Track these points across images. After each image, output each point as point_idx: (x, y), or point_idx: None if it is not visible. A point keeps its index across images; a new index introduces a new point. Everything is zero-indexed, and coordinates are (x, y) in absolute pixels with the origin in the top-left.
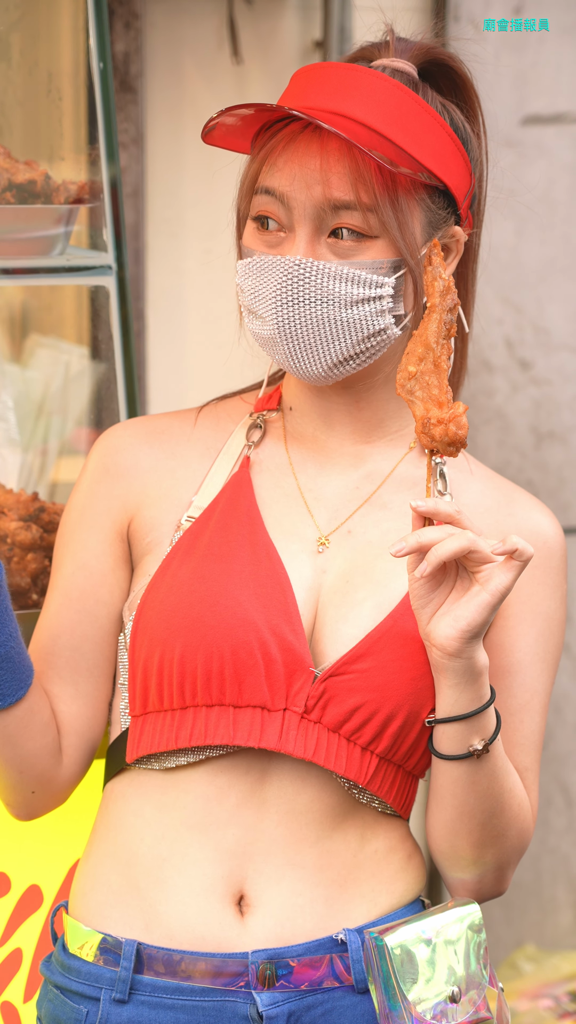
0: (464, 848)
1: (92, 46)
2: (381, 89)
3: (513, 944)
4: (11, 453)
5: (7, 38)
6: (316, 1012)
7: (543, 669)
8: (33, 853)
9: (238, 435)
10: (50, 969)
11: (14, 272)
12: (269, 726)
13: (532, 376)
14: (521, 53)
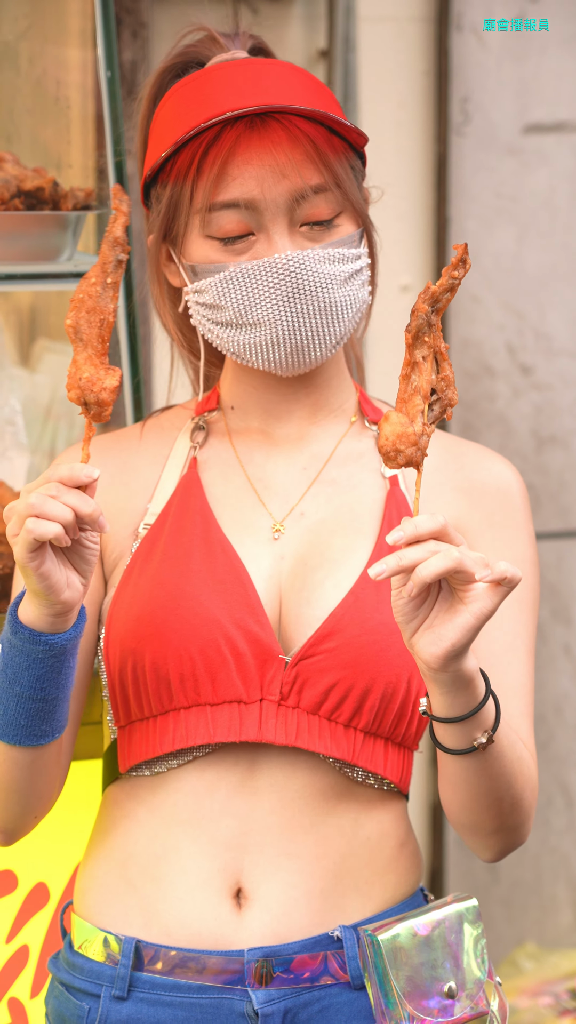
0: (485, 821)
1: (100, 55)
2: (286, 71)
3: (514, 942)
4: (18, 456)
5: (16, 47)
6: (312, 1009)
7: (521, 609)
8: (40, 852)
9: (182, 440)
10: (57, 966)
11: (23, 277)
12: (248, 718)
13: (533, 381)
14: (523, 63)
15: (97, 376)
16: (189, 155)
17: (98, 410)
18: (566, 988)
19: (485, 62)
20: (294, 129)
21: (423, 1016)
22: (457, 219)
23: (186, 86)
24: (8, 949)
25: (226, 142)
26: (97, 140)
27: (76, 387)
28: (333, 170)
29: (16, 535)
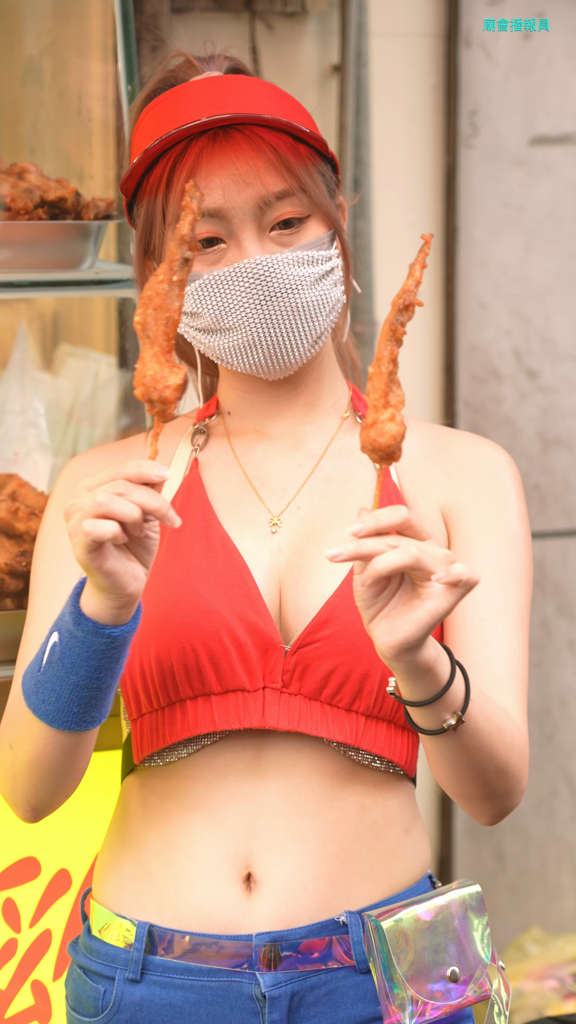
0: (474, 790)
1: (120, 69)
2: (250, 84)
3: (520, 927)
4: (42, 457)
5: (39, 62)
6: (319, 992)
7: (509, 581)
8: (62, 839)
9: (184, 443)
10: (76, 951)
11: (46, 284)
12: (251, 706)
13: (539, 385)
14: (529, 77)
15: (161, 374)
16: (159, 171)
17: (162, 407)
18: (571, 972)
19: (493, 76)
20: (256, 139)
21: (426, 999)
22: (465, 228)
23: (157, 105)
24: (32, 933)
25: (191, 155)
26: (118, 152)
27: (141, 384)
28: (297, 175)
29: (75, 533)
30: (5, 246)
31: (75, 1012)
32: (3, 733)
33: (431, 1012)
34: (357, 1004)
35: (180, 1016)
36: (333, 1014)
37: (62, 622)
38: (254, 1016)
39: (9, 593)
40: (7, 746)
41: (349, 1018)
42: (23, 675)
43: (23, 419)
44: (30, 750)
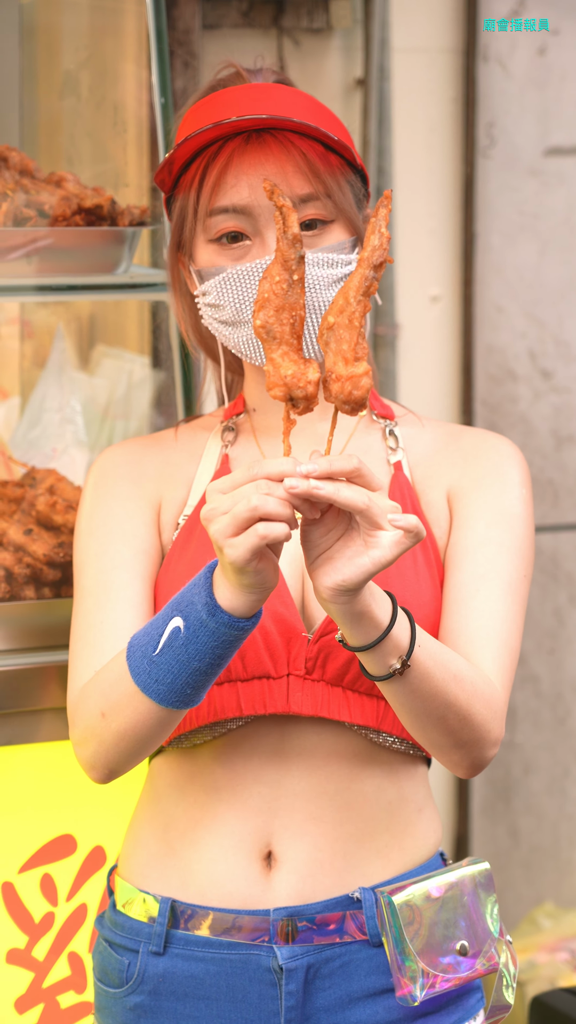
0: (438, 737)
1: (154, 83)
2: (287, 93)
3: (533, 902)
4: (79, 453)
5: (77, 75)
6: (334, 965)
7: (498, 551)
8: (97, 817)
9: (214, 440)
10: (102, 924)
11: (83, 288)
12: (276, 692)
13: (553, 384)
14: (544, 91)
15: (300, 372)
16: (194, 169)
17: (305, 404)
18: None
19: (509, 90)
20: (287, 143)
21: (436, 972)
22: (483, 235)
23: (199, 107)
24: (68, 907)
25: (224, 154)
26: (151, 161)
27: (281, 384)
28: (324, 181)
29: (232, 536)
30: (44, 251)
31: (101, 983)
32: (93, 701)
33: (441, 984)
34: (370, 976)
35: (201, 987)
36: (347, 985)
37: (190, 610)
38: (272, 987)
39: (47, 582)
40: (98, 714)
41: (362, 989)
42: (130, 651)
43: (61, 416)
44: (126, 721)
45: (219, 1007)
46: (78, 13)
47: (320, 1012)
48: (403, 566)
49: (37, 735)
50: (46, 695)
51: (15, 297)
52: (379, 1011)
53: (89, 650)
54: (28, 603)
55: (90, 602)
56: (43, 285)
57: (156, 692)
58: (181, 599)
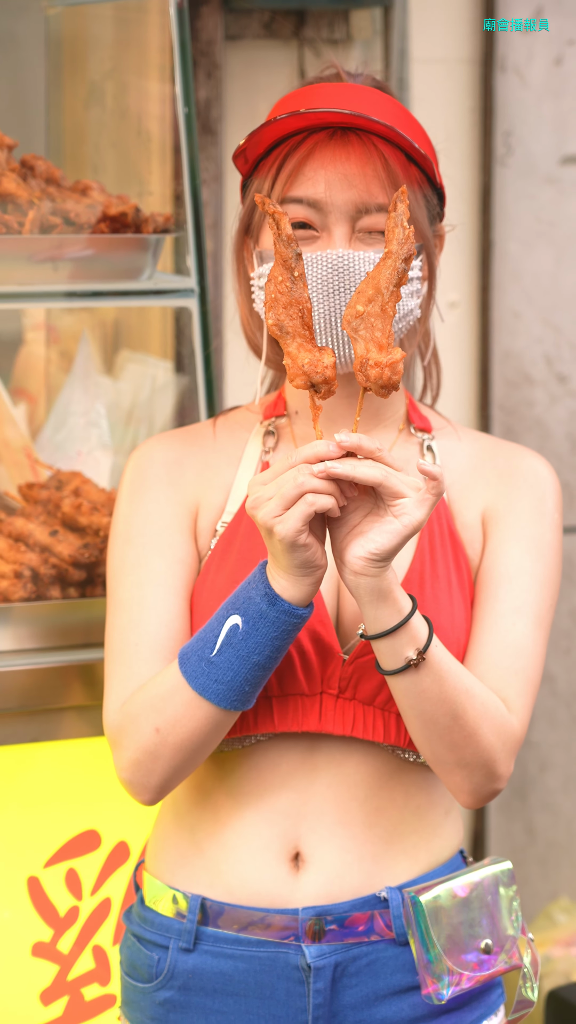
0: (442, 752)
1: (177, 93)
2: (379, 97)
3: (548, 897)
4: (104, 456)
5: (102, 86)
6: (361, 963)
7: (531, 583)
8: (121, 812)
9: (253, 443)
10: (130, 919)
11: (108, 294)
12: (310, 710)
13: (569, 389)
14: (560, 100)
15: (316, 358)
16: (276, 154)
17: (326, 388)
18: None
19: (526, 100)
20: (371, 147)
21: (461, 970)
22: (500, 242)
23: (291, 97)
24: (93, 901)
25: (307, 146)
26: (175, 170)
27: (300, 374)
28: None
29: (278, 516)
30: (70, 258)
31: (129, 978)
32: (144, 719)
33: (466, 982)
34: (396, 974)
35: (230, 983)
36: (374, 983)
37: (248, 605)
38: (299, 985)
39: (73, 582)
40: (152, 731)
41: (389, 987)
42: (183, 660)
43: (86, 420)
44: (184, 731)
45: (248, 1003)
46: (103, 25)
47: (347, 1009)
48: (438, 589)
49: (62, 732)
50: (71, 693)
51: (41, 303)
52: (404, 1008)
53: (125, 671)
54: (54, 603)
55: (124, 619)
56: (68, 291)
57: (215, 693)
58: (236, 598)
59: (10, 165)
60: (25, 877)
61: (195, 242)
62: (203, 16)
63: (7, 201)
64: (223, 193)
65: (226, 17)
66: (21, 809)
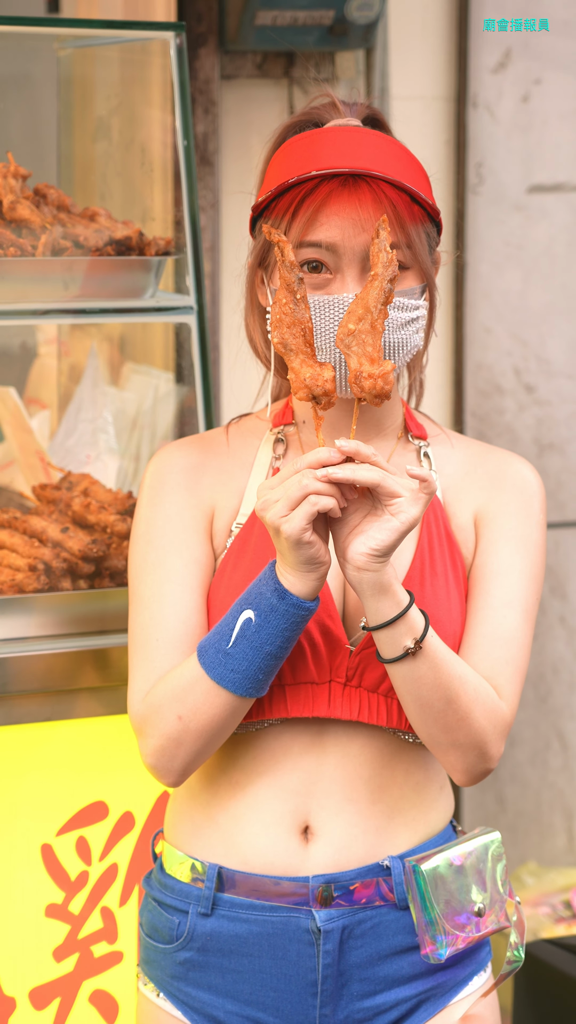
0: (437, 733)
1: (177, 127)
2: (383, 142)
3: (517, 861)
4: (110, 459)
5: (108, 121)
6: (366, 926)
7: (520, 579)
8: (127, 785)
9: (264, 449)
10: (150, 885)
11: (114, 311)
12: (319, 697)
13: (535, 398)
14: (528, 134)
15: (316, 373)
16: (289, 199)
17: (326, 400)
18: (561, 900)
19: (496, 134)
20: (380, 193)
21: (456, 931)
22: (472, 264)
23: (300, 140)
24: (101, 866)
25: (321, 193)
26: (175, 197)
27: (303, 387)
28: (407, 232)
29: (284, 516)
30: (79, 279)
31: (150, 939)
32: (167, 708)
33: (461, 943)
34: (397, 936)
35: (246, 945)
36: (377, 944)
37: (259, 600)
38: (310, 947)
39: (82, 575)
40: (175, 719)
41: (391, 948)
42: (201, 653)
43: (94, 426)
44: (205, 718)
45: (261, 963)
46: (109, 65)
47: (353, 968)
48: (437, 585)
49: (74, 712)
50: (82, 676)
51: (53, 320)
52: (404, 966)
53: (148, 664)
54: (65, 594)
55: (146, 616)
56: (78, 309)
57: (232, 681)
58: (248, 595)
59: (24, 193)
60: (39, 844)
61: (194, 264)
62: (201, 57)
63: (22, 226)
64: (219, 219)
65: (222, 58)
66: (37, 782)
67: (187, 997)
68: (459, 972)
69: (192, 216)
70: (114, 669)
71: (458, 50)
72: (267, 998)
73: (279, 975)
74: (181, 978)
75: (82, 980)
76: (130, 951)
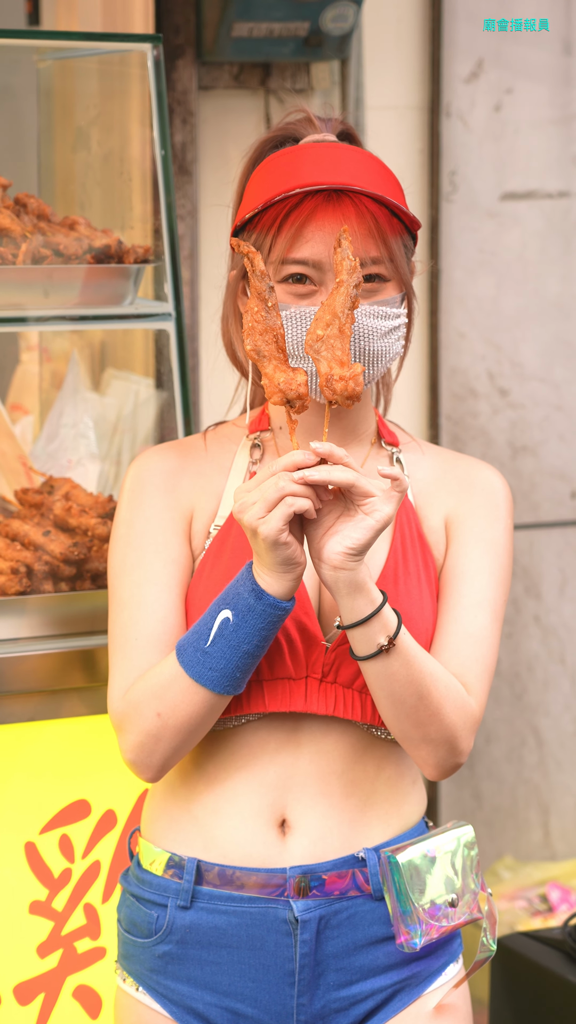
0: (409, 728)
1: (155, 138)
2: (358, 159)
3: (494, 856)
4: (91, 463)
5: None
6: (342, 916)
7: (490, 580)
8: (109, 784)
9: (241, 454)
10: (128, 881)
11: (94, 318)
12: (295, 692)
13: (509, 401)
14: (500, 143)
15: (290, 378)
16: (274, 214)
17: (300, 404)
18: (537, 893)
19: (469, 142)
20: (362, 207)
21: (431, 921)
22: (447, 270)
23: (281, 156)
24: (84, 864)
25: (305, 209)
26: (154, 206)
27: (277, 391)
28: (389, 245)
29: (261, 517)
30: (60, 286)
31: (129, 934)
32: (146, 705)
33: (435, 933)
34: (373, 926)
35: (224, 936)
36: (353, 934)
37: (237, 600)
38: (287, 937)
39: (64, 577)
40: (154, 716)
41: (366, 938)
42: (180, 652)
43: (75, 432)
44: (183, 715)
45: (240, 954)
46: (88, 77)
47: (329, 958)
48: (410, 585)
49: (57, 712)
50: (64, 677)
51: (34, 327)
52: (379, 956)
53: (127, 663)
54: (47, 596)
55: (125, 616)
56: (59, 316)
57: (210, 679)
58: (226, 595)
59: (5, 203)
60: (23, 842)
61: (172, 271)
62: (179, 68)
63: (2, 235)
64: (198, 227)
65: (199, 69)
66: (20, 781)
67: (166, 990)
68: (433, 962)
69: (170, 224)
70: (97, 670)
71: (431, 60)
72: (245, 989)
73: (257, 966)
74: (160, 971)
75: (66, 976)
76: (113, 947)
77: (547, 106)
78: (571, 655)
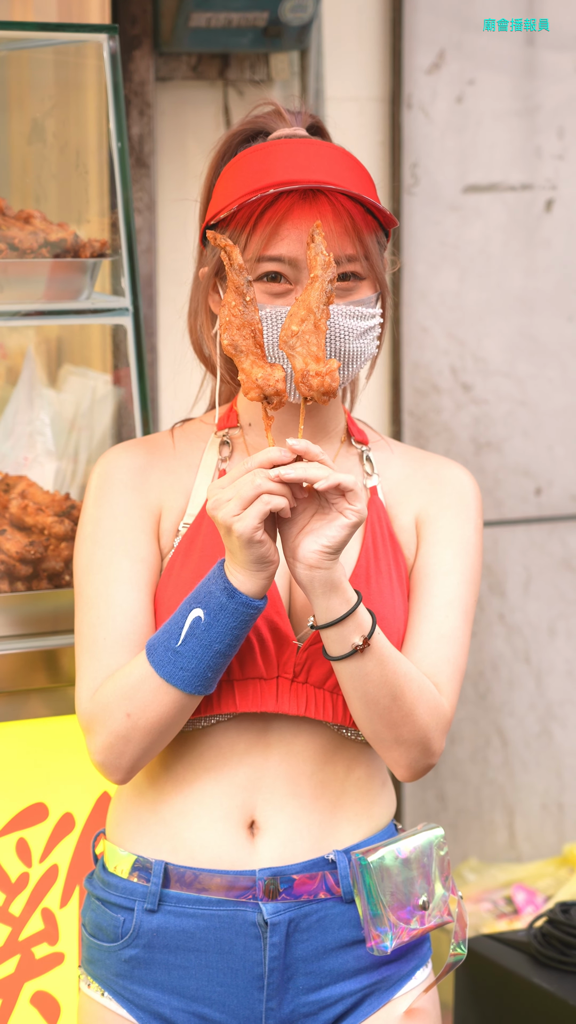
0: (382, 730)
1: (112, 129)
2: (332, 155)
3: (459, 858)
4: (48, 461)
5: (42, 123)
6: (312, 919)
7: (461, 580)
8: (67, 786)
9: (210, 452)
10: (92, 884)
11: (50, 313)
12: (266, 692)
13: (472, 397)
14: (462, 135)
15: (268, 373)
16: (248, 212)
17: (277, 400)
18: (502, 896)
19: (431, 134)
20: (338, 205)
21: (402, 924)
22: (409, 264)
23: (253, 153)
24: (41, 868)
25: (281, 207)
26: (110, 200)
27: (254, 387)
28: (365, 243)
29: (236, 515)
30: (15, 281)
31: (94, 938)
32: (115, 706)
33: (406, 936)
34: (343, 929)
35: (192, 940)
36: (323, 937)
37: (208, 599)
38: (256, 940)
39: (20, 577)
40: (123, 716)
41: (336, 941)
42: (150, 651)
43: (31, 429)
44: (153, 715)
45: (208, 958)
46: (43, 68)
47: (299, 962)
48: (382, 584)
49: (18, 714)
50: (22, 679)
51: None
52: (349, 960)
53: (95, 663)
54: (3, 596)
55: (93, 615)
56: (14, 311)
57: (181, 679)
58: (197, 593)
59: None
60: None
61: (129, 265)
62: (136, 59)
63: None
64: (156, 221)
65: (157, 60)
66: None
67: (133, 995)
68: (402, 967)
69: (127, 218)
70: (59, 671)
71: (392, 51)
72: (213, 993)
73: (225, 969)
74: (126, 976)
75: (24, 982)
76: (71, 952)
77: (509, 97)
78: (536, 654)
